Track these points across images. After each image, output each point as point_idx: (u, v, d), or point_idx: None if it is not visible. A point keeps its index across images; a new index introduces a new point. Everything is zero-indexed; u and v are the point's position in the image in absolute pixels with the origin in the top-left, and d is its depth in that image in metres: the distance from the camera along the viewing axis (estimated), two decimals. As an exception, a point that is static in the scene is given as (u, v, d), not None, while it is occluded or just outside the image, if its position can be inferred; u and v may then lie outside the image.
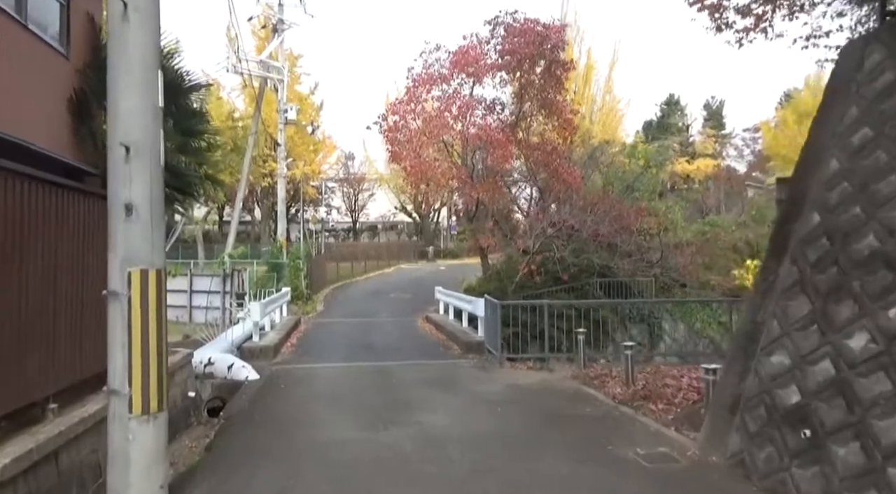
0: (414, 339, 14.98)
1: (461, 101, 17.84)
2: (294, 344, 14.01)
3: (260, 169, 33.57)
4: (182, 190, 9.50)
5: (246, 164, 23.33)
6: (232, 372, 10.39)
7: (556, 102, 18.36)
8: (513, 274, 19.44)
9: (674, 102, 49.34)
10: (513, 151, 17.16)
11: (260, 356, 12.14)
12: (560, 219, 17.22)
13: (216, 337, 12.65)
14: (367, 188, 49.65)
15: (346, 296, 24.78)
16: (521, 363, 11.47)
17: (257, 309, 12.46)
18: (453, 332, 14.31)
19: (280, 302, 16.57)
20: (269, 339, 13.08)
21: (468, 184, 17.48)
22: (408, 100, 18.63)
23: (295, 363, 11.80)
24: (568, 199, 17.83)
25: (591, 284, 19.49)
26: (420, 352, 12.95)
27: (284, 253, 23.72)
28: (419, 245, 43.14)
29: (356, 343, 14.34)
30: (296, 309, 21.30)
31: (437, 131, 18.10)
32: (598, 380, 9.61)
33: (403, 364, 11.57)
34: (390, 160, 19.15)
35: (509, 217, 23.74)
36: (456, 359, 12.15)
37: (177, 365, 9.03)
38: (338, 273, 29.25)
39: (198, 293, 21.32)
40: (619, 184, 20.83)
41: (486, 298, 12.63)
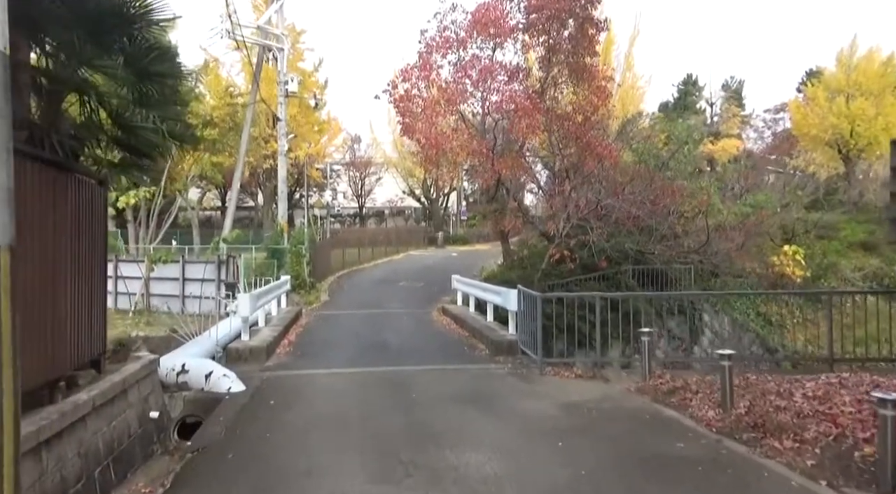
0: (432, 336, 12.74)
1: (481, 65, 15.46)
2: (292, 343, 11.78)
3: (261, 150, 31.20)
4: (137, 150, 7.22)
5: (244, 141, 21.03)
6: (210, 383, 8.18)
7: (589, 66, 15.97)
8: (537, 261, 17.21)
9: (691, 82, 46.72)
10: (540, 121, 14.78)
11: (249, 359, 9.93)
12: (594, 197, 14.89)
13: (198, 336, 10.42)
14: (374, 172, 47.26)
15: (353, 285, 22.54)
16: (565, 368, 9.24)
17: (246, 303, 10.23)
18: (477, 328, 12.06)
19: (278, 292, 14.34)
20: (261, 338, 10.86)
21: (489, 159, 15.14)
22: (422, 66, 16.27)
23: (291, 368, 9.58)
24: (603, 177, 15.45)
25: (624, 272, 17.28)
26: (442, 353, 10.71)
27: (286, 238, 21.47)
28: (428, 231, 40.83)
29: (365, 340, 12.11)
30: (297, 298, 19.11)
31: (454, 99, 15.77)
32: (675, 397, 7.36)
33: (423, 369, 9.34)
34: (402, 133, 16.86)
35: (519, 199, 21.48)
36: (485, 363, 9.90)
37: (133, 378, 6.82)
38: (343, 259, 26.99)
39: (191, 281, 19.12)
40: (652, 162, 18.43)
41: (519, 289, 10.37)
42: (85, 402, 5.53)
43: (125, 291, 19.85)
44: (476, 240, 41.89)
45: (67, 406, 5.29)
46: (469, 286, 14.71)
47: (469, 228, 45.39)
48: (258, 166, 33.59)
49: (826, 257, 24.54)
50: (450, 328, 13.64)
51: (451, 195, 47.23)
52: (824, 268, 23.28)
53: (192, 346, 9.74)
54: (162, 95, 7.20)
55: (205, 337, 10.16)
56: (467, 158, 15.17)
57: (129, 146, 7.16)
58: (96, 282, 6.92)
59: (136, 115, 6.91)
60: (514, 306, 10.48)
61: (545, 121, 15.01)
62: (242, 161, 21.65)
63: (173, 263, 19.75)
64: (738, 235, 17.54)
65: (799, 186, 30.33)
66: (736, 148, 35.05)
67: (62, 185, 5.98)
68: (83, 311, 6.46)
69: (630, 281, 17.36)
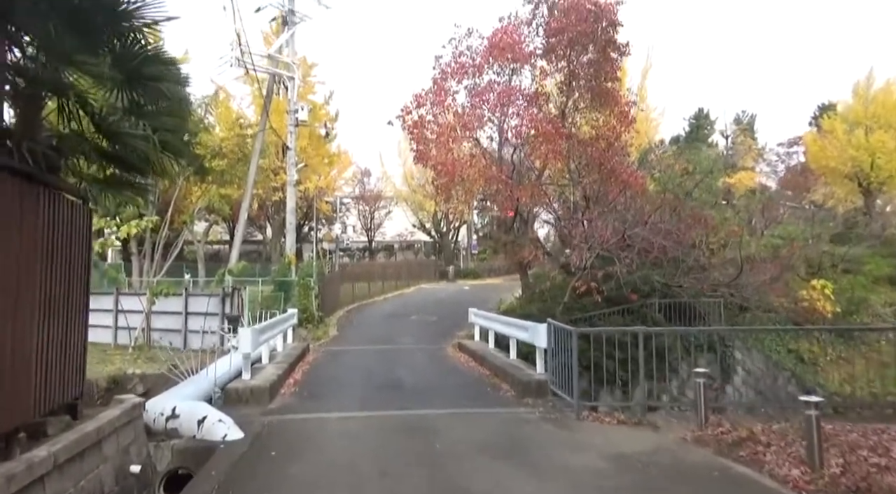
0: (450, 374, 11.61)
1: (500, 89, 14.72)
2: (298, 382, 10.69)
3: (270, 182, 30.60)
4: (126, 162, 6.33)
5: (252, 170, 20.29)
6: (204, 429, 7.11)
7: (611, 91, 15.21)
8: (558, 294, 16.16)
9: (703, 116, 46.20)
10: (562, 146, 13.93)
11: (250, 400, 8.86)
12: (620, 227, 13.91)
13: (194, 375, 9.37)
14: (384, 205, 46.58)
15: (363, 319, 21.47)
16: (605, 412, 8.13)
17: (248, 338, 9.21)
18: (500, 366, 10.95)
19: (283, 326, 13.31)
20: (264, 377, 9.79)
21: (508, 186, 14.25)
22: (436, 91, 15.56)
23: (296, 411, 8.49)
24: (628, 205, 14.50)
25: (650, 306, 16.22)
26: (463, 394, 9.59)
27: (293, 270, 20.53)
28: (439, 264, 39.85)
29: (378, 379, 11.01)
30: (305, 333, 18.07)
31: (470, 125, 14.99)
32: (743, 450, 6.24)
33: (445, 413, 8.22)
34: (415, 160, 16.05)
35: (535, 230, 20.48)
36: (513, 406, 8.78)
37: (111, 427, 5.79)
38: (353, 293, 25.99)
39: (194, 315, 18.12)
40: (676, 191, 17.51)
41: (550, 323, 9.32)
42: (43, 460, 4.50)
43: (125, 325, 18.91)
44: (487, 274, 40.86)
45: (19, 465, 4.26)
46: (488, 320, 13.64)
47: (480, 262, 44.39)
48: (267, 199, 32.96)
49: (855, 292, 23.40)
50: (468, 365, 12.52)
51: (461, 229, 46.39)
52: (856, 304, 22.12)
53: (186, 386, 8.69)
54: (154, 103, 6.36)
55: (201, 377, 9.12)
56: (485, 186, 14.28)
57: (116, 158, 6.28)
58: (74, 316, 5.94)
59: (124, 123, 6.04)
60: (543, 342, 9.41)
61: (567, 147, 14.15)
62: (250, 191, 20.89)
63: (176, 296, 18.81)
64: (769, 268, 16.46)
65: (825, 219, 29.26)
66: (752, 180, 34.14)
67: (32, 201, 5.07)
68: (55, 349, 5.48)
69: (656, 316, 16.27)
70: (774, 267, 16.11)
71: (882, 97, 33.00)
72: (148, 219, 17.61)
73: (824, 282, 20.90)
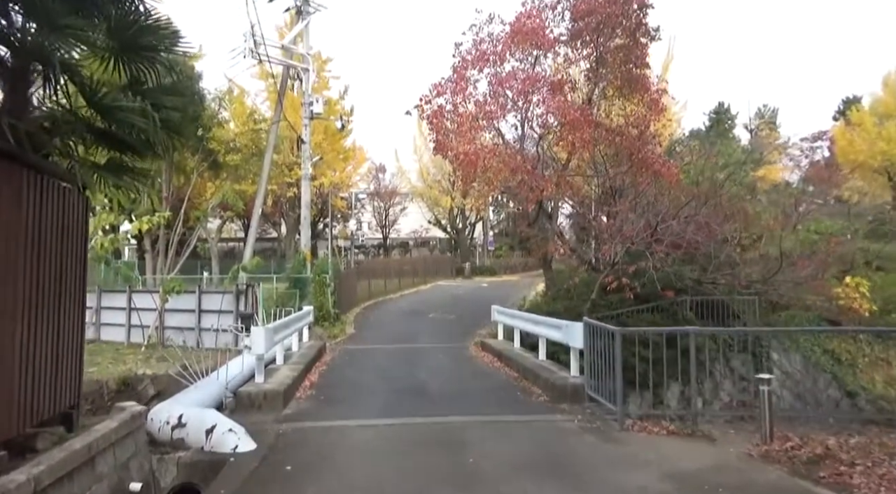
0: (476, 376, 10.85)
1: (524, 75, 13.93)
2: (314, 384, 9.99)
3: (285, 177, 29.98)
4: (123, 143, 5.64)
5: (266, 162, 19.63)
6: (213, 440, 6.42)
7: (641, 78, 14.35)
8: (583, 291, 15.35)
9: (724, 111, 44.95)
10: (591, 135, 13.10)
11: (263, 406, 8.16)
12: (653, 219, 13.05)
13: (204, 377, 8.70)
14: (399, 202, 45.88)
15: (381, 317, 20.78)
16: (650, 421, 7.33)
17: (261, 338, 8.51)
18: (529, 368, 10.17)
19: (299, 324, 12.62)
20: (278, 379, 9.10)
21: (533, 177, 13.45)
22: (456, 79, 14.79)
23: (313, 418, 7.78)
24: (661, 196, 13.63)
25: (681, 304, 15.37)
26: (493, 400, 8.83)
27: (308, 267, 19.88)
28: (455, 261, 39.09)
29: (399, 382, 10.28)
30: (321, 331, 17.41)
31: (493, 114, 14.21)
32: (824, 469, 5.43)
33: (475, 421, 7.47)
34: (434, 151, 15.31)
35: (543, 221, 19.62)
36: (548, 413, 8.00)
37: (105, 441, 5.09)
38: (369, 290, 25.32)
39: (207, 312, 17.53)
40: (707, 184, 16.58)
41: (586, 322, 8.53)
42: (21, 486, 3.81)
43: (139, 324, 18.40)
44: (503, 271, 40.08)
45: (-12, 494, 3.57)
46: (514, 318, 12.86)
47: (496, 259, 43.62)
48: (282, 195, 32.37)
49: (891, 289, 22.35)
50: (493, 366, 11.76)
51: (477, 225, 45.60)
52: (893, 302, 21.07)
53: (195, 391, 8.03)
54: (155, 77, 5.66)
55: (211, 380, 8.44)
56: (510, 177, 13.49)
57: (112, 138, 5.58)
58: (67, 315, 5.26)
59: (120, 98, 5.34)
60: (578, 343, 8.62)
61: (595, 136, 13.32)
62: (265, 186, 20.25)
63: (189, 294, 18.25)
64: (806, 264, 15.50)
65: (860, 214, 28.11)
66: (778, 175, 32.98)
67: (14, 185, 4.39)
68: (44, 353, 4.80)
69: (688, 314, 15.41)
70: (814, 264, 15.13)
71: (913, 88, 31.77)
72: (160, 214, 17.06)
73: (859, 280, 19.89)
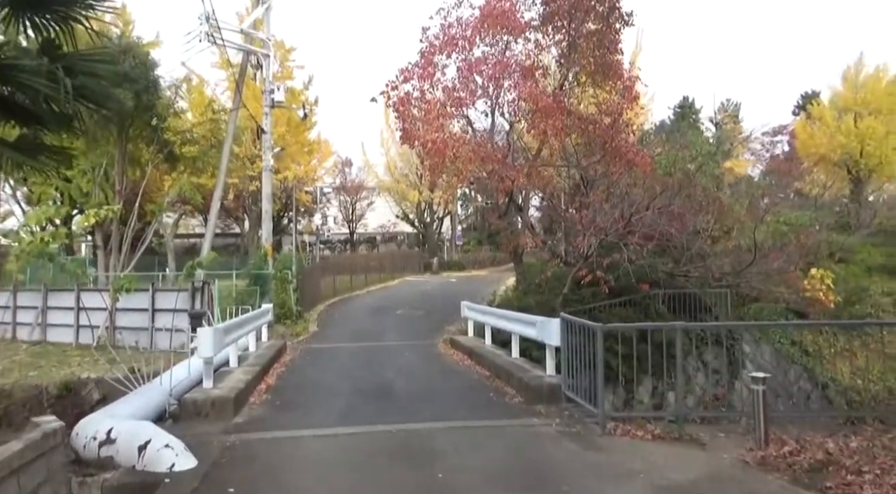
0: (445, 376, 10.16)
1: (495, 60, 13.27)
2: (271, 388, 9.16)
3: (246, 170, 28.78)
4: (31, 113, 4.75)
5: (225, 152, 18.56)
6: (146, 457, 5.58)
7: (615, 64, 13.82)
8: (555, 286, 14.81)
9: (688, 105, 45.12)
10: (564, 122, 12.51)
11: (211, 414, 7.32)
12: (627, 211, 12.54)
13: (146, 383, 7.79)
14: (366, 196, 44.86)
15: (346, 314, 19.92)
16: (633, 424, 6.74)
17: (209, 339, 7.66)
18: (501, 366, 9.52)
19: (257, 323, 11.74)
20: (229, 383, 8.26)
21: (505, 166, 12.81)
22: (424, 65, 14.04)
23: (266, 427, 6.97)
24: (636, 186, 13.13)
25: (653, 297, 14.97)
26: (464, 402, 8.14)
27: (270, 262, 18.91)
28: (423, 256, 38.34)
29: (363, 383, 9.52)
30: (283, 330, 16.53)
31: (462, 101, 13.52)
32: (828, 479, 4.89)
33: (445, 427, 6.77)
34: (402, 140, 14.56)
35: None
36: (524, 416, 7.34)
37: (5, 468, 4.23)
38: (335, 286, 24.41)
39: (162, 312, 16.47)
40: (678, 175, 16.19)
41: (563, 318, 7.91)
42: None
43: (88, 324, 17.22)
44: (471, 266, 39.50)
45: None
46: (484, 314, 12.21)
47: (464, 254, 43.02)
48: (244, 189, 31.12)
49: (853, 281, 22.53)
50: (464, 364, 11.09)
51: (445, 220, 44.92)
52: (857, 294, 21.17)
53: (133, 399, 7.14)
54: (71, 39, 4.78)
55: (153, 386, 7.56)
56: (480, 166, 12.82)
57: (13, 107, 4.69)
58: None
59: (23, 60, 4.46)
60: (555, 340, 8.00)
61: (568, 124, 12.74)
62: (223, 177, 19.16)
63: (141, 292, 17.12)
64: (779, 256, 15.25)
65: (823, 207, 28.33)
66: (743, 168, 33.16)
67: None
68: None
69: (660, 307, 15.03)
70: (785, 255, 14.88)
71: (872, 83, 32.16)
72: (109, 207, 15.89)
73: (824, 272, 19.88)
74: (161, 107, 20.64)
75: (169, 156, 21.92)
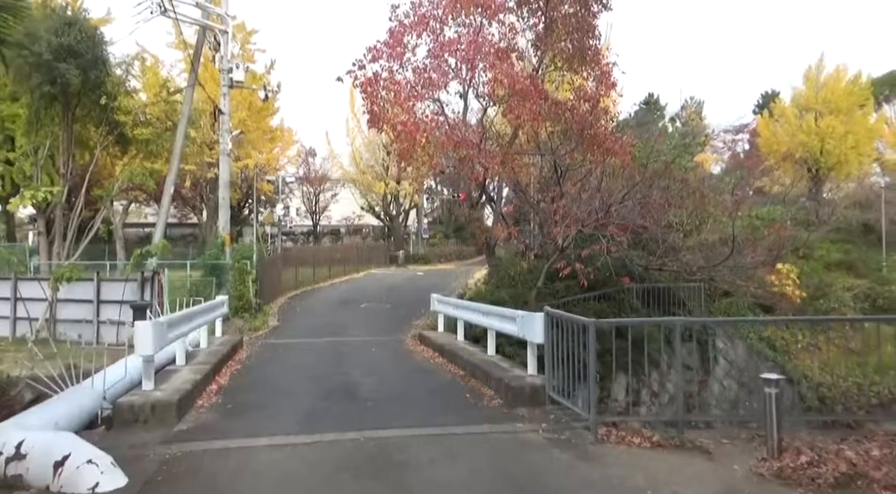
0: (416, 375, 9.32)
1: (469, 39, 12.45)
2: (223, 389, 8.18)
3: (204, 156, 27.24)
4: None
5: (180, 132, 17.22)
6: (63, 476, 4.62)
7: (592, 48, 13.17)
8: (528, 279, 14.16)
9: (653, 102, 45.21)
10: (542, 107, 11.78)
11: (150, 421, 6.35)
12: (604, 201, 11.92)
13: (73, 386, 6.75)
14: (330, 188, 43.51)
15: (309, 307, 18.87)
16: (627, 430, 6.06)
17: (148, 335, 6.65)
18: (477, 364, 8.74)
19: (209, 316, 10.65)
20: (174, 384, 7.27)
21: (482, 151, 12.02)
22: (393, 44, 13.11)
23: (213, 435, 6.04)
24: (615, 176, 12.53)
25: (628, 291, 14.50)
26: (437, 405, 7.33)
27: (228, 252, 17.75)
28: (389, 249, 37.34)
29: (326, 383, 8.63)
30: (240, 324, 15.46)
31: (435, 83, 12.66)
32: (854, 492, 4.27)
33: (418, 435, 5.96)
34: (370, 124, 13.56)
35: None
36: (505, 421, 6.57)
37: None
38: (297, 278, 23.27)
39: (108, 303, 15.25)
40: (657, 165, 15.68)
41: (548, 312, 7.18)
42: None
43: (26, 316, 15.83)
44: (438, 260, 38.71)
45: None
46: (458, 308, 11.42)
47: (430, 247, 42.19)
48: (202, 177, 29.58)
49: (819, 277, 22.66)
50: (435, 362, 10.28)
51: (411, 213, 43.96)
52: (822, 289, 21.24)
53: (56, 404, 6.11)
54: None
55: (81, 389, 6.53)
56: (453, 151, 11.99)
57: None
58: None
59: None
60: (538, 337, 7.26)
61: (545, 109, 12.02)
62: (178, 158, 17.80)
63: (85, 281, 15.81)
64: (758, 251, 14.90)
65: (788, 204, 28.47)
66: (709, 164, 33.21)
67: None
68: None
69: (634, 302, 14.55)
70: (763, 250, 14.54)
71: (832, 83, 32.54)
72: (47, 189, 14.50)
73: (790, 267, 19.81)
74: (111, 85, 19.20)
75: (120, 138, 20.46)
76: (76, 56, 17.02)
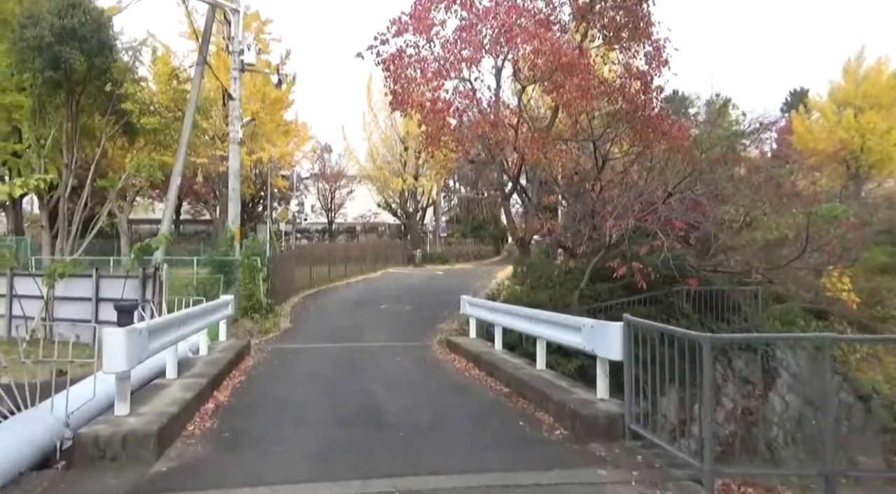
0: (451, 392, 7.71)
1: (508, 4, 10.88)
2: (221, 409, 6.66)
3: (216, 149, 25.93)
4: None
5: (188, 117, 15.83)
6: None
7: (644, 17, 11.52)
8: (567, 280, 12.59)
9: (679, 99, 43.25)
10: (591, 83, 10.17)
11: (121, 456, 4.83)
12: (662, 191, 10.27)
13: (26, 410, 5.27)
14: (346, 184, 42.07)
15: (324, 308, 17.35)
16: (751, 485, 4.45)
17: (121, 346, 5.12)
18: (526, 381, 7.14)
19: (209, 318, 9.10)
20: (157, 406, 5.75)
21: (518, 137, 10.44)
22: (420, 15, 11.60)
23: (200, 484, 4.49)
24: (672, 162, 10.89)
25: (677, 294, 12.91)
26: (487, 437, 5.72)
27: (237, 247, 16.32)
28: (406, 248, 35.83)
29: (344, 402, 7.08)
30: (250, 325, 14.03)
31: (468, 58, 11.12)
32: None
33: (473, 488, 4.37)
34: (392, 105, 12.05)
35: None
36: (580, 464, 4.95)
37: None
38: (311, 277, 21.80)
39: (107, 301, 13.89)
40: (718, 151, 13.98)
41: (627, 320, 5.57)
42: None
43: (22, 315, 14.53)
44: (456, 259, 37.17)
45: None
46: (494, 312, 9.79)
47: (448, 246, 40.63)
48: (214, 171, 28.24)
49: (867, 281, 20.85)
50: (471, 375, 8.69)
51: (428, 211, 42.41)
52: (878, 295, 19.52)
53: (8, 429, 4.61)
54: None
55: (35, 415, 5.02)
56: (490, 132, 10.41)
57: None
58: None
59: None
60: (613, 352, 5.65)
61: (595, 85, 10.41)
62: (185, 144, 16.42)
63: (83, 278, 14.47)
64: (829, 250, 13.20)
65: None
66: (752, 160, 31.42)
67: None
68: None
69: (684, 307, 12.91)
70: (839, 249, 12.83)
71: (873, 76, 30.54)
72: (39, 177, 13.14)
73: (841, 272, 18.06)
74: (117, 71, 17.93)
75: (127, 127, 19.17)
76: (80, 40, 15.88)
